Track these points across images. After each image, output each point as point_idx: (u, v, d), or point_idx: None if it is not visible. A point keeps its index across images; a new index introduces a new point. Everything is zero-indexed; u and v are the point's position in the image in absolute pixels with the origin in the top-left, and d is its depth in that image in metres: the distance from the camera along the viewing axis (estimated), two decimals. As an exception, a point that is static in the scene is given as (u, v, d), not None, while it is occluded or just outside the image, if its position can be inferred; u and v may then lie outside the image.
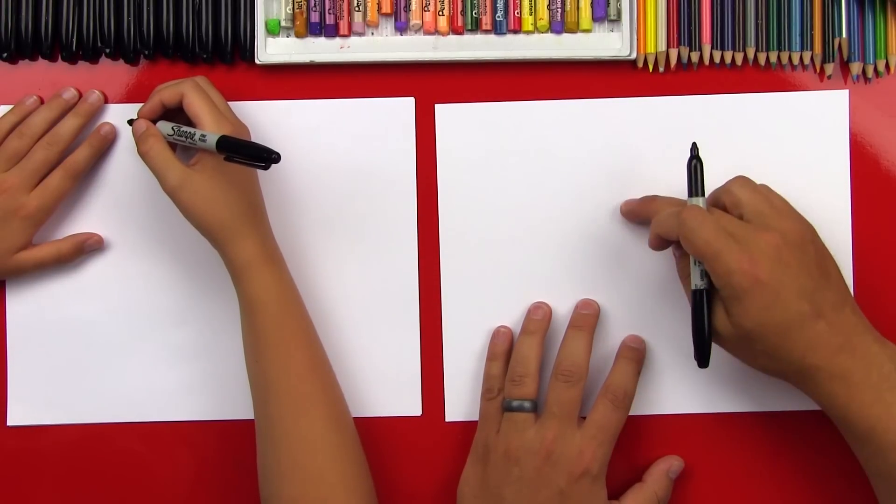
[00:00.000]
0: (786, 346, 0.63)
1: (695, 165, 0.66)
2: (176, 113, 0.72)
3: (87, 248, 0.76)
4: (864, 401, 0.62)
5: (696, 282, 0.65)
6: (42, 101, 0.75)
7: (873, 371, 0.63)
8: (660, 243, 0.68)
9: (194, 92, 0.70)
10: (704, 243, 0.62)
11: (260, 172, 0.72)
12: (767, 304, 0.62)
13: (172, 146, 0.71)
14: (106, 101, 0.76)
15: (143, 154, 0.70)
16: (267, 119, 0.75)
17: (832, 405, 0.64)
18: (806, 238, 0.64)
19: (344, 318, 0.75)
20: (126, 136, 0.76)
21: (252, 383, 0.71)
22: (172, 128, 0.70)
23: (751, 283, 0.61)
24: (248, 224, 0.70)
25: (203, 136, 0.68)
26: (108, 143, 0.75)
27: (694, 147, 0.67)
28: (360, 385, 0.75)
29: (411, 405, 0.76)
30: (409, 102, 0.75)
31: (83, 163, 0.75)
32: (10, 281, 0.76)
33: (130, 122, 0.73)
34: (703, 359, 0.65)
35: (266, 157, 0.64)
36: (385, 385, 0.76)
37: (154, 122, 0.72)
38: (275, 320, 0.70)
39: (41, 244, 0.75)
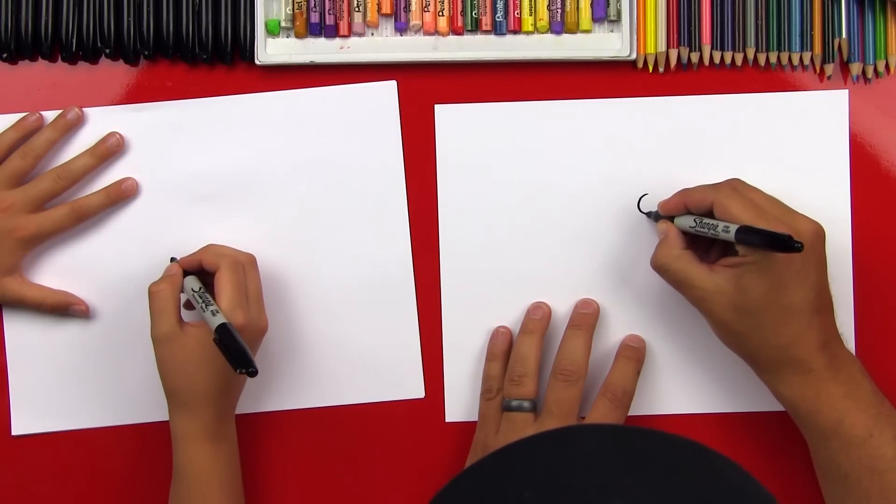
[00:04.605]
0: (779, 329, 0.65)
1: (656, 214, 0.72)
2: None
3: (69, 312, 0.75)
4: (834, 395, 0.65)
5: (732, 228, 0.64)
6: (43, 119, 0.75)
7: (843, 371, 0.66)
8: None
9: (229, 269, 0.70)
10: (741, 212, 0.65)
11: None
12: (786, 283, 0.63)
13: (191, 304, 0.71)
14: (120, 145, 0.75)
15: (150, 292, 0.70)
16: (245, 111, 0.75)
17: (802, 397, 0.66)
18: (823, 237, 0.66)
19: (341, 315, 0.76)
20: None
21: None
22: (198, 288, 0.70)
23: (785, 258, 0.63)
24: (205, 402, 0.69)
25: (214, 312, 0.67)
26: (124, 198, 0.75)
27: (651, 213, 0.73)
28: (358, 384, 0.76)
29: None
30: (391, 86, 0.75)
31: (93, 209, 0.74)
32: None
33: (173, 259, 0.73)
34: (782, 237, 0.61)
35: (243, 365, 0.62)
36: (385, 386, 0.76)
37: (191, 273, 0.72)
38: (197, 494, 0.70)
39: (30, 284, 0.74)
